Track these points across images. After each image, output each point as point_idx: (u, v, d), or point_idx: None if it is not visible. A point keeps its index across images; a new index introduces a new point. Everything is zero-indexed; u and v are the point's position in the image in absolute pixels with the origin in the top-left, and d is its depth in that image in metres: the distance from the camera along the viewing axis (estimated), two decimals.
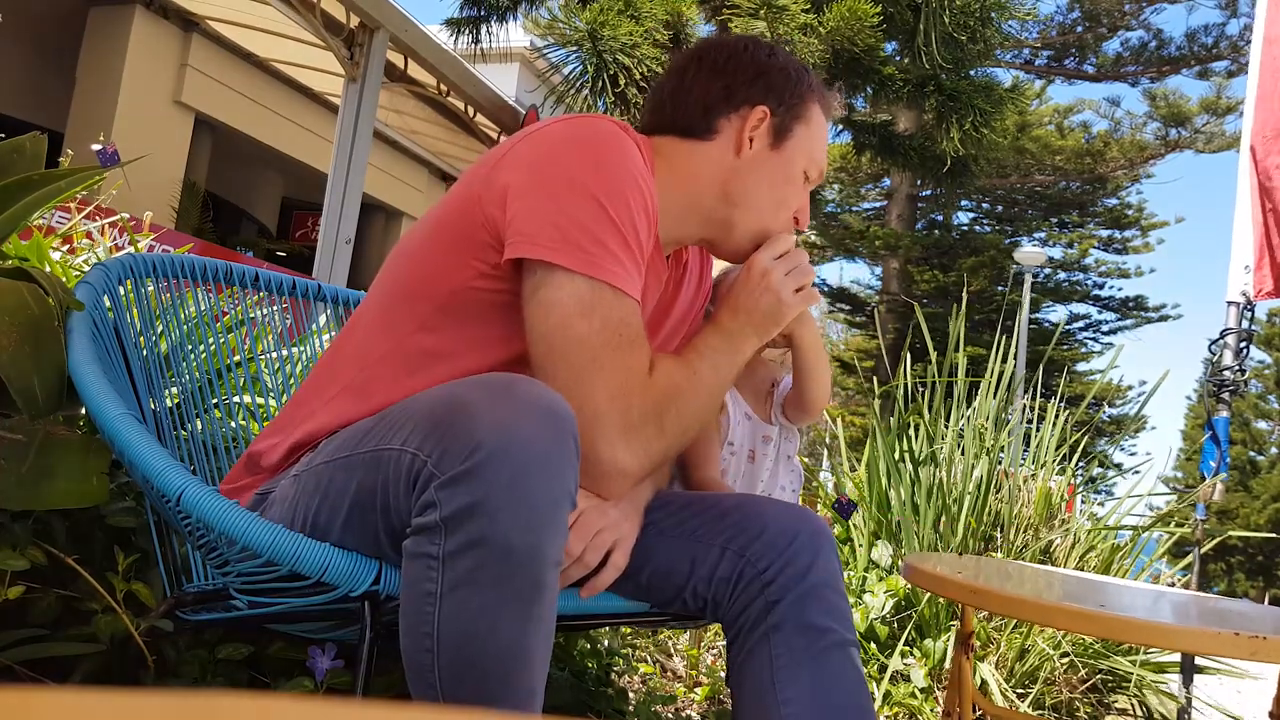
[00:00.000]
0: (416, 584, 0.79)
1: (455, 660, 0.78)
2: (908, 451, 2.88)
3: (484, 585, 0.76)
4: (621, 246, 0.96)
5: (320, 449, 0.99)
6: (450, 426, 0.79)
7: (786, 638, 1.00)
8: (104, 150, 1.58)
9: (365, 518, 0.88)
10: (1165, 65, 17.10)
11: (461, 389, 0.83)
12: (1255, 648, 1.07)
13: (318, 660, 1.11)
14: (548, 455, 0.78)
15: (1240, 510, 22.73)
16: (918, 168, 5.16)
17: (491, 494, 0.76)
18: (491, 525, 0.75)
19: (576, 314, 0.93)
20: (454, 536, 0.76)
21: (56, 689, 0.18)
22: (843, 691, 0.99)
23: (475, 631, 0.77)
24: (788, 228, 1.17)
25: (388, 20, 6.67)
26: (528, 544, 0.76)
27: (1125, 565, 2.86)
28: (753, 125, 1.12)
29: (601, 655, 1.84)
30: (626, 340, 0.96)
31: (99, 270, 1.27)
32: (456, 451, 0.77)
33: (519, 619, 0.78)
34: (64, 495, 1.06)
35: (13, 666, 1.10)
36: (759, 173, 1.13)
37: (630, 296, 0.97)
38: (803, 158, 1.15)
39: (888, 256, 17.80)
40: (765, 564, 1.02)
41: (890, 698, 2.29)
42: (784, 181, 1.15)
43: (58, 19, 8.28)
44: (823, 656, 0.99)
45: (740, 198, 1.13)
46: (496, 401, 0.80)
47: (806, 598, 1.01)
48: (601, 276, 0.94)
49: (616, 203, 0.96)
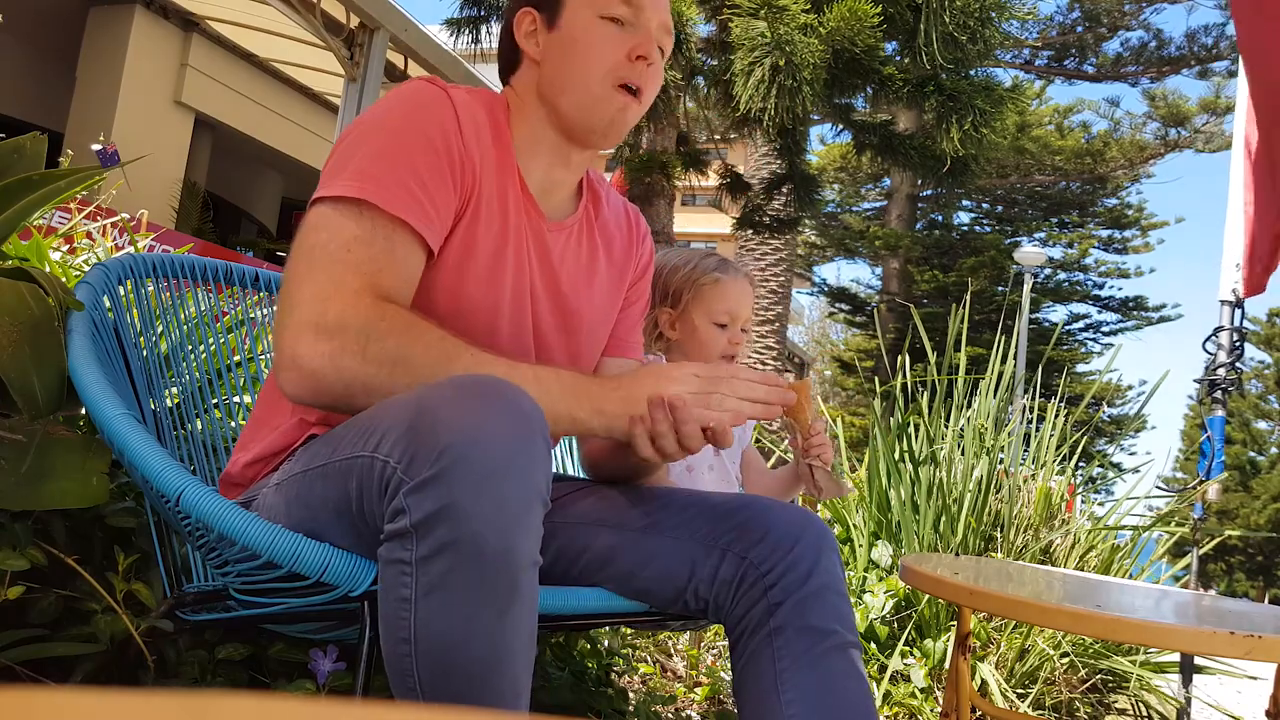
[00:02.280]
0: (391, 590, 0.78)
1: (434, 665, 0.77)
2: (908, 451, 2.88)
3: (458, 589, 0.76)
4: (385, 168, 0.97)
5: (297, 457, 1.00)
6: (417, 432, 0.78)
7: (789, 640, 1.00)
8: (104, 150, 1.58)
9: (347, 524, 0.88)
10: (1165, 65, 17.11)
11: (429, 393, 0.82)
12: (1251, 647, 1.07)
13: (320, 662, 1.12)
14: (516, 455, 0.77)
15: (1240, 510, 22.73)
16: (918, 168, 5.16)
17: (461, 497, 0.75)
18: (462, 528, 0.75)
19: (312, 228, 0.96)
20: (425, 541, 0.76)
21: (56, 689, 0.18)
22: (845, 693, 0.99)
23: (452, 635, 0.76)
24: (620, 75, 1.10)
25: (388, 20, 6.67)
26: (501, 546, 0.76)
27: (1125, 565, 2.87)
28: (527, 30, 1.13)
29: (601, 655, 1.84)
30: (354, 258, 0.94)
31: (99, 270, 1.27)
32: (424, 456, 0.76)
33: (496, 621, 0.77)
34: (64, 495, 1.06)
35: (13, 666, 1.10)
36: (553, 58, 1.11)
37: (387, 215, 0.96)
38: (585, 10, 1.10)
39: (888, 256, 17.81)
40: (768, 567, 1.02)
41: (890, 698, 2.29)
42: (581, 46, 1.10)
43: (58, 19, 8.29)
44: (825, 659, 0.99)
45: (555, 88, 1.11)
46: (462, 404, 0.79)
47: (809, 600, 1.01)
48: (346, 193, 0.96)
49: (387, 138, 1.00)
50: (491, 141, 1.09)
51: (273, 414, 1.11)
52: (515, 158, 1.11)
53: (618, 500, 1.15)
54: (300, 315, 0.92)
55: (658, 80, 1.14)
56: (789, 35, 4.13)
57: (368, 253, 0.95)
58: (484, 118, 1.08)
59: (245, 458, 1.11)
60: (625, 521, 1.11)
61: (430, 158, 1.00)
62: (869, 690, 1.02)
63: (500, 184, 1.09)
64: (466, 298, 1.06)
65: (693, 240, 27.06)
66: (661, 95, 4.82)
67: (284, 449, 1.08)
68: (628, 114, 1.11)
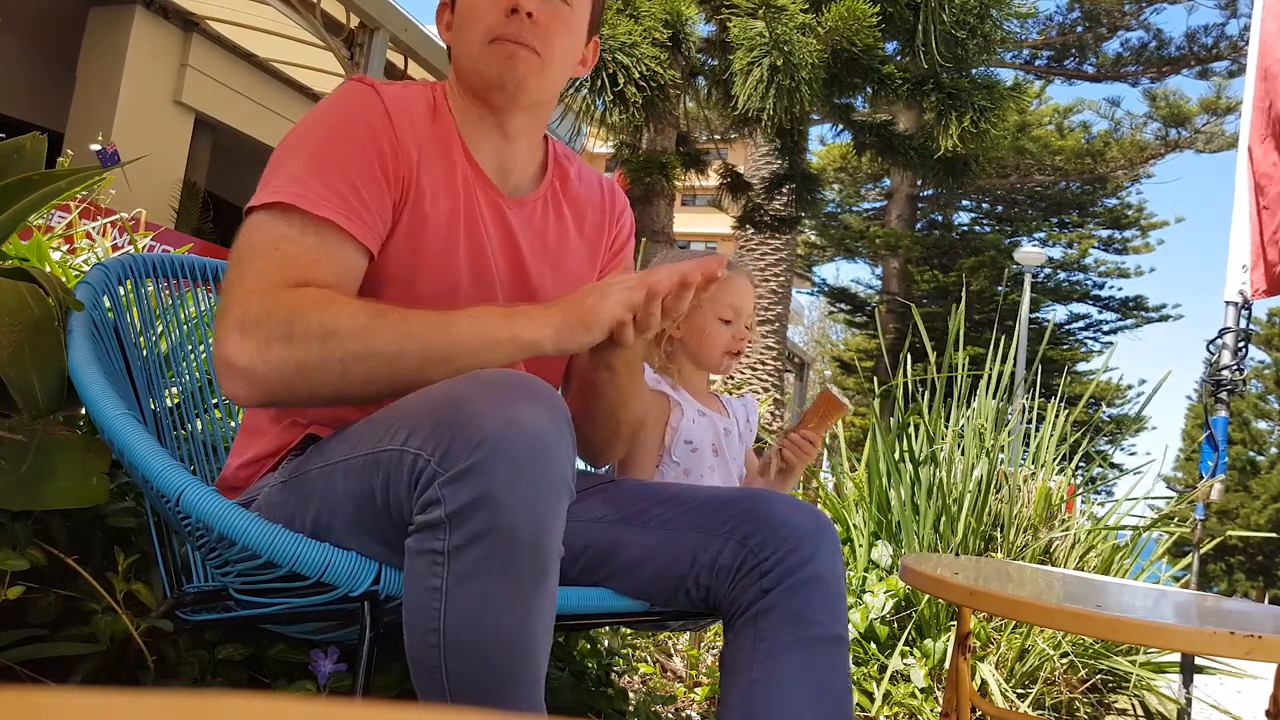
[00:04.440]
0: (420, 580, 0.79)
1: (461, 650, 0.78)
2: (908, 451, 2.88)
3: (490, 574, 0.77)
4: (313, 174, 0.98)
5: (307, 455, 1.00)
6: (453, 424, 0.79)
7: (772, 623, 1.00)
8: (104, 150, 1.58)
9: (367, 519, 0.88)
10: (1165, 65, 17.11)
11: (458, 387, 0.84)
12: (1251, 647, 1.07)
13: (321, 663, 1.12)
14: (547, 446, 0.80)
15: (1240, 510, 22.73)
16: (918, 167, 5.17)
17: (497, 486, 0.77)
18: (498, 516, 0.77)
19: (244, 234, 0.98)
20: (459, 530, 0.77)
21: (56, 689, 0.18)
22: (817, 683, 0.98)
23: (481, 620, 0.78)
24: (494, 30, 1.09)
25: (388, 20, 6.67)
26: (534, 535, 0.78)
27: (1125, 565, 2.87)
28: (445, 22, 1.17)
29: (601, 655, 1.84)
30: (280, 255, 0.95)
31: (99, 270, 1.27)
32: (460, 447, 0.78)
33: (524, 605, 0.79)
34: (64, 495, 1.06)
35: (13, 666, 1.10)
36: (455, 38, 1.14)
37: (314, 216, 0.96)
38: None
39: (888, 256, 17.81)
40: (766, 553, 1.03)
41: (890, 698, 2.29)
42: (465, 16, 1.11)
43: (58, 19, 8.28)
44: (807, 646, 0.99)
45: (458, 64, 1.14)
46: (495, 396, 0.81)
47: (800, 588, 1.01)
48: (275, 198, 0.97)
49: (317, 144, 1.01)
50: (430, 129, 1.10)
51: (262, 418, 1.12)
52: (462, 140, 1.12)
53: (620, 498, 1.15)
54: (227, 318, 0.92)
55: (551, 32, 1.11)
56: (787, 35, 4.13)
57: (295, 249, 0.96)
58: (420, 108, 1.10)
59: (239, 461, 1.12)
60: (627, 518, 1.11)
61: (360, 158, 1.01)
62: (846, 684, 1.01)
63: (446, 169, 1.09)
64: (420, 286, 1.06)
65: (693, 240, 27.05)
66: (661, 95, 4.81)
67: (280, 450, 1.08)
68: (516, 63, 1.08)
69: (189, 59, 8.71)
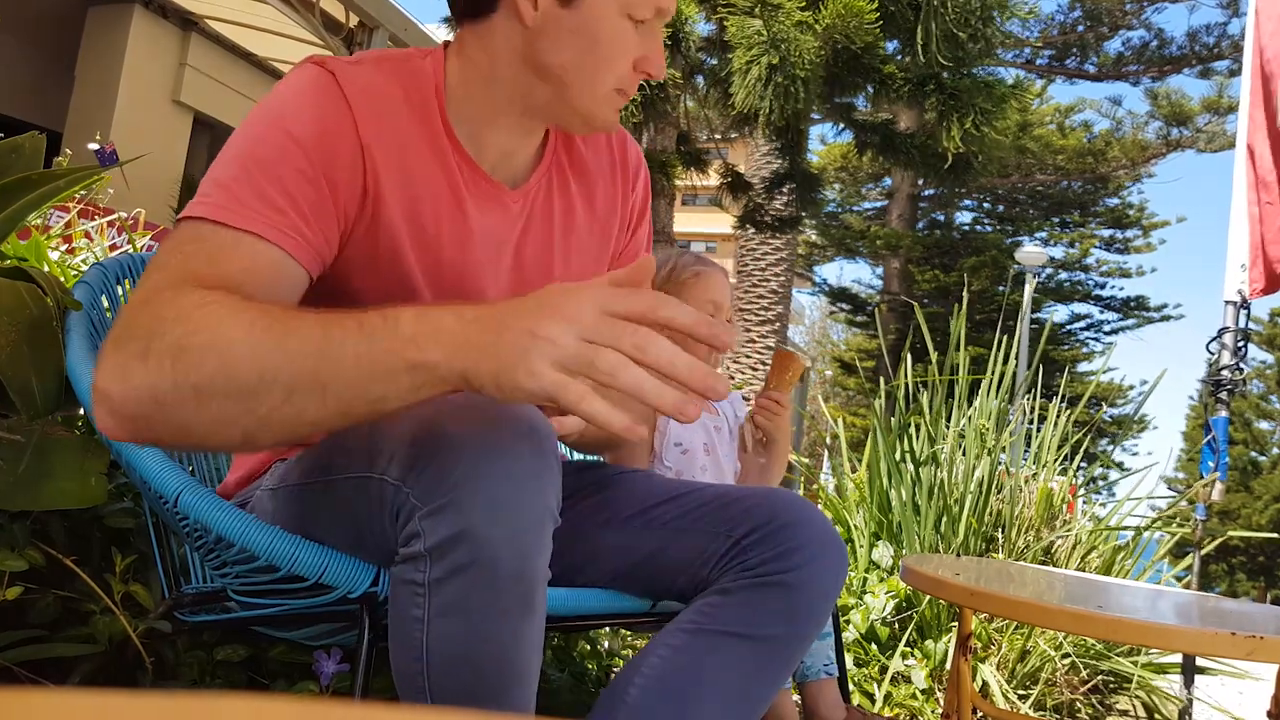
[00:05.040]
0: (404, 609, 0.78)
1: (446, 681, 0.77)
2: (909, 452, 2.88)
3: (473, 609, 0.75)
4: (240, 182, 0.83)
5: (290, 466, 0.98)
6: (431, 456, 0.76)
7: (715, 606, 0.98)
8: (102, 150, 1.58)
9: (350, 535, 0.87)
10: (1167, 64, 17.11)
11: (438, 412, 0.79)
12: (1252, 647, 1.07)
13: (324, 664, 1.11)
14: (529, 476, 0.76)
15: (1242, 511, 22.72)
16: (919, 167, 5.16)
17: (477, 522, 0.74)
18: (479, 550, 0.74)
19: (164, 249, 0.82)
20: (439, 564, 0.75)
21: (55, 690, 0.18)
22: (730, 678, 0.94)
23: (465, 653, 0.76)
24: (624, 81, 0.95)
25: (387, 20, 6.67)
26: (516, 567, 0.75)
27: (1127, 566, 2.86)
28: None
29: (601, 656, 1.84)
30: (177, 259, 0.79)
31: (97, 270, 1.26)
32: (438, 481, 0.75)
33: (510, 638, 0.77)
34: (62, 496, 1.05)
35: (11, 667, 1.10)
36: (557, 38, 0.92)
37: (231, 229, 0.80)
38: (612, 3, 0.92)
39: (889, 256, 17.81)
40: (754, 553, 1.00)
41: (891, 699, 2.29)
42: (593, 41, 0.92)
43: (56, 19, 8.28)
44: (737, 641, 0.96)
45: (548, 71, 0.93)
46: (475, 425, 0.77)
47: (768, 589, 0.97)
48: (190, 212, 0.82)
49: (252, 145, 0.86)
50: (408, 120, 0.94)
51: None
52: (450, 130, 0.96)
53: (621, 498, 1.14)
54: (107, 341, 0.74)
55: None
56: (784, 33, 4.12)
57: (199, 248, 0.80)
58: (394, 93, 0.93)
59: (234, 478, 1.11)
60: (630, 518, 1.11)
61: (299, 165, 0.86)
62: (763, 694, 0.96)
63: (424, 167, 0.95)
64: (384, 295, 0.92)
65: (693, 240, 27.05)
66: (661, 94, 4.81)
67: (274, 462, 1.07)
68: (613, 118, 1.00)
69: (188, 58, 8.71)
